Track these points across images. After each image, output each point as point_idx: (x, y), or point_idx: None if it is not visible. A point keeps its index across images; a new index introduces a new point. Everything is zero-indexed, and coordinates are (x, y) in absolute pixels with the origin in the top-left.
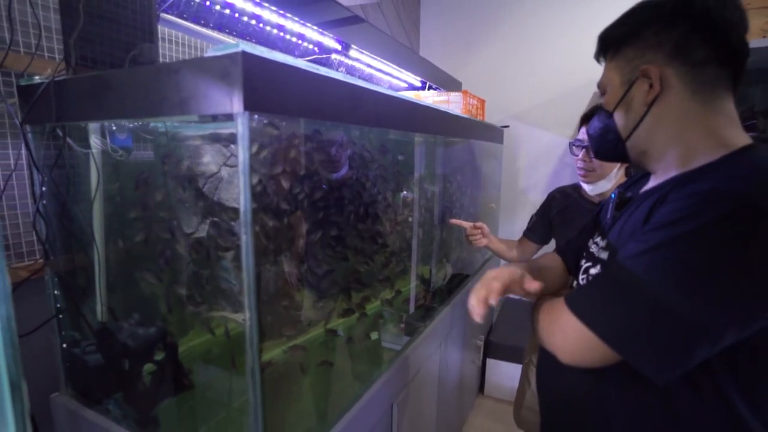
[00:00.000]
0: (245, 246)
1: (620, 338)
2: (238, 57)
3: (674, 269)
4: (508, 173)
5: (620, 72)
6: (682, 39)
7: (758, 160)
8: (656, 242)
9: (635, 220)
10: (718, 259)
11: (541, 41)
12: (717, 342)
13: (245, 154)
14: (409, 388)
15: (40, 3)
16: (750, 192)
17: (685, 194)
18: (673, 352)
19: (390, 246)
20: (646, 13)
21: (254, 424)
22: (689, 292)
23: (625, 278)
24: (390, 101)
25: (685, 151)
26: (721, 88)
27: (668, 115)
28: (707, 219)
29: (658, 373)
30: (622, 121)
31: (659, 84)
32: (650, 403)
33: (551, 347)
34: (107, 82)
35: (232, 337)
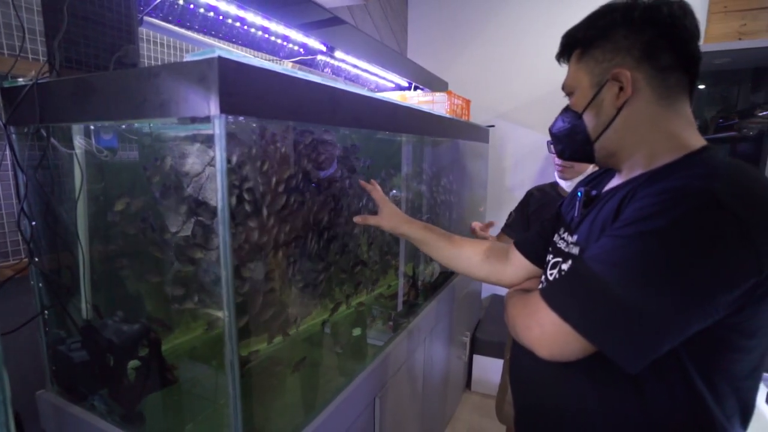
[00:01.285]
0: (222, 243)
1: (595, 330)
2: (215, 62)
3: (645, 263)
4: (494, 172)
5: (589, 74)
6: (651, 44)
7: (716, 160)
8: (627, 237)
9: (604, 216)
10: (685, 252)
11: (527, 42)
12: (683, 331)
13: (222, 155)
14: (391, 382)
15: (24, 5)
16: (713, 189)
17: (654, 191)
18: (643, 341)
19: (375, 244)
20: (614, 16)
21: (233, 416)
22: (659, 284)
23: (598, 273)
24: (370, 103)
25: (650, 152)
26: (682, 92)
27: (636, 118)
28: (676, 215)
29: (630, 362)
30: (592, 123)
31: (630, 88)
32: (622, 393)
33: (528, 342)
34: (90, 85)
35: (216, 334)
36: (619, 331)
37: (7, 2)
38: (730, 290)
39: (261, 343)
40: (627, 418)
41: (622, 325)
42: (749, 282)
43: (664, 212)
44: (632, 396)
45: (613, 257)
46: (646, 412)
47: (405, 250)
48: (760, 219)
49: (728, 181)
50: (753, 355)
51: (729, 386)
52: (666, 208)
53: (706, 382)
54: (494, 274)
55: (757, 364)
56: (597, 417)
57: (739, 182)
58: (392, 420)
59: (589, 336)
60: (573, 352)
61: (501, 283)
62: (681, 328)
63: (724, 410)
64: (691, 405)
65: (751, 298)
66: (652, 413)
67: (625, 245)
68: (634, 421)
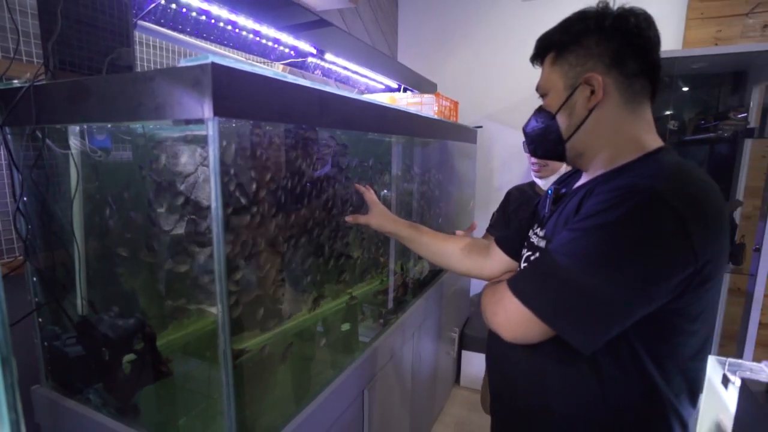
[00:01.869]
0: (216, 241)
1: (552, 315)
2: (208, 67)
3: (596, 253)
4: (483, 171)
5: (563, 77)
6: (620, 52)
7: (664, 161)
8: (583, 230)
9: (568, 211)
10: (631, 244)
11: (514, 45)
12: (630, 315)
13: (215, 155)
14: (379, 376)
15: (18, 8)
16: (657, 187)
17: (608, 189)
18: (595, 325)
19: (365, 242)
20: (588, 23)
21: (227, 405)
22: (608, 273)
23: (557, 263)
24: (358, 105)
25: (613, 153)
26: (645, 97)
27: (604, 120)
28: (624, 210)
29: (584, 344)
30: (565, 123)
31: (601, 92)
32: (581, 374)
33: (495, 326)
34: (87, 88)
35: (209, 330)
36: (572, 315)
37: (1, 5)
38: (669, 278)
39: (253, 338)
40: (586, 396)
41: (575, 310)
42: (687, 270)
43: (614, 208)
44: (590, 376)
45: (569, 248)
46: (603, 390)
47: (394, 248)
48: (697, 214)
49: (670, 180)
50: (697, 338)
51: (676, 367)
52: (616, 204)
53: (655, 364)
54: (476, 268)
55: (701, 346)
56: (559, 396)
57: (680, 181)
58: (381, 413)
59: (546, 320)
60: (533, 335)
61: (482, 276)
62: (628, 312)
63: (672, 389)
64: (643, 384)
65: (690, 285)
66: (608, 391)
67: (579, 237)
68: (593, 398)
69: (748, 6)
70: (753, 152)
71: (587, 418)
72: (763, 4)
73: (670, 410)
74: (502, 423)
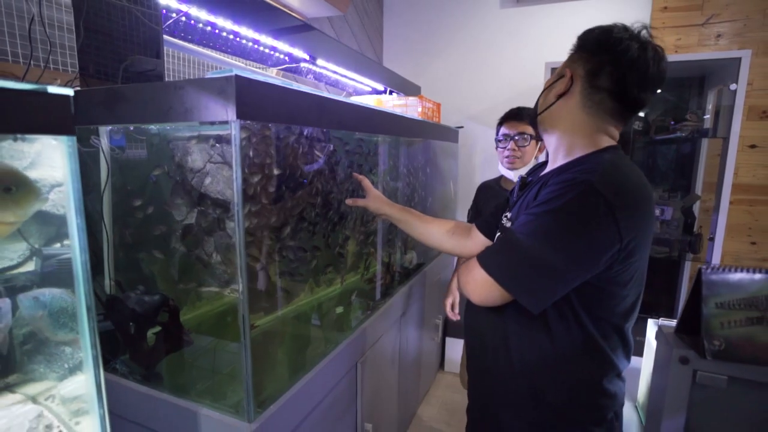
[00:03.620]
0: (238, 227)
1: (508, 281)
2: (232, 78)
3: (544, 233)
4: (464, 169)
5: (562, 66)
6: (598, 65)
7: (603, 158)
8: (535, 215)
9: (529, 198)
10: (571, 226)
11: (493, 50)
12: (570, 282)
13: (237, 152)
14: (370, 353)
15: (56, 24)
16: (592, 180)
17: (557, 181)
18: (542, 289)
19: (357, 232)
20: (594, 32)
21: (245, 367)
22: (552, 248)
23: (514, 240)
24: (350, 108)
25: (569, 147)
26: (606, 113)
27: (564, 113)
28: (566, 199)
29: (532, 304)
30: (542, 100)
31: (567, 86)
32: (535, 332)
33: (467, 292)
34: (121, 94)
35: (220, 310)
36: (524, 281)
37: (50, 23)
38: (600, 252)
39: (258, 319)
40: (540, 350)
41: (526, 277)
42: (614, 247)
43: (559, 197)
44: (543, 333)
45: (524, 228)
46: (553, 345)
47: (382, 239)
48: (623, 202)
49: (604, 174)
50: (626, 301)
51: (610, 325)
52: (560, 194)
53: (593, 323)
54: (458, 247)
55: (630, 309)
56: (519, 350)
57: (611, 175)
58: (372, 386)
59: (503, 285)
60: (495, 298)
61: (463, 254)
62: (568, 280)
63: (609, 344)
64: (585, 340)
65: (617, 258)
66: (557, 345)
67: (532, 220)
68: (545, 351)
69: (703, 17)
70: (709, 150)
71: (541, 366)
72: (716, 16)
73: (607, 361)
74: (475, 378)
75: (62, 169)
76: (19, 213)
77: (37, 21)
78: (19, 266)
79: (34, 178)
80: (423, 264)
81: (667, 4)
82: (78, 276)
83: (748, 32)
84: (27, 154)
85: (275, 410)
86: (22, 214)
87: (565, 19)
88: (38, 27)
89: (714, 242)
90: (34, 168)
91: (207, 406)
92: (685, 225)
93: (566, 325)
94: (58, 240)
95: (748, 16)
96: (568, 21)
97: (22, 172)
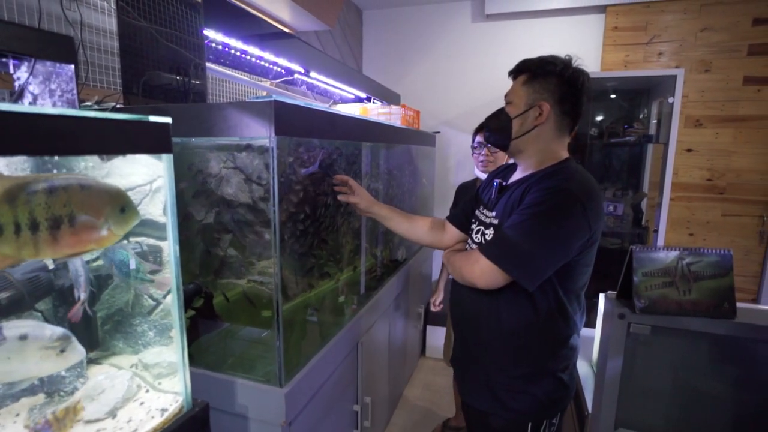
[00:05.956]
0: (275, 224)
1: (511, 266)
2: (272, 103)
3: (535, 230)
4: (441, 170)
5: (527, 96)
6: (565, 95)
7: (572, 169)
8: (527, 215)
9: (513, 200)
10: (555, 222)
11: (466, 59)
12: (556, 264)
13: (275, 162)
14: (366, 336)
15: (104, 48)
16: (570, 187)
17: (540, 188)
18: (537, 269)
19: (351, 233)
20: (555, 68)
21: (277, 340)
22: (544, 239)
23: (514, 234)
24: (352, 121)
25: (540, 160)
26: (567, 130)
27: (540, 136)
28: (553, 203)
29: (529, 283)
30: (516, 128)
31: (545, 117)
32: (521, 302)
33: (471, 280)
34: (166, 112)
35: (242, 298)
36: (523, 265)
37: (91, 46)
38: (577, 241)
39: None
40: (525, 316)
41: (524, 262)
42: (585, 236)
43: (545, 201)
44: (528, 304)
45: (519, 226)
46: (536, 310)
47: (366, 238)
48: (590, 202)
49: (575, 182)
50: (585, 276)
51: (573, 294)
52: (546, 199)
53: (564, 292)
54: (437, 241)
55: (586, 281)
56: (508, 317)
57: (580, 182)
58: (368, 367)
59: (507, 270)
60: (499, 282)
61: (441, 246)
62: (554, 263)
63: (572, 308)
64: (558, 307)
65: (585, 244)
66: (538, 310)
67: (525, 219)
68: (529, 315)
69: (647, 37)
70: (654, 154)
71: (526, 327)
72: (657, 37)
73: (572, 321)
74: (466, 350)
75: (140, 176)
76: (127, 228)
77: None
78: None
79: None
80: (407, 259)
81: (617, 24)
82: (172, 262)
83: (683, 51)
84: (104, 167)
85: (300, 378)
86: (128, 228)
87: (528, 33)
88: (79, 49)
89: (658, 234)
90: (110, 177)
91: (242, 377)
92: (635, 219)
93: (546, 298)
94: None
95: (683, 38)
96: (531, 35)
97: (129, 196)
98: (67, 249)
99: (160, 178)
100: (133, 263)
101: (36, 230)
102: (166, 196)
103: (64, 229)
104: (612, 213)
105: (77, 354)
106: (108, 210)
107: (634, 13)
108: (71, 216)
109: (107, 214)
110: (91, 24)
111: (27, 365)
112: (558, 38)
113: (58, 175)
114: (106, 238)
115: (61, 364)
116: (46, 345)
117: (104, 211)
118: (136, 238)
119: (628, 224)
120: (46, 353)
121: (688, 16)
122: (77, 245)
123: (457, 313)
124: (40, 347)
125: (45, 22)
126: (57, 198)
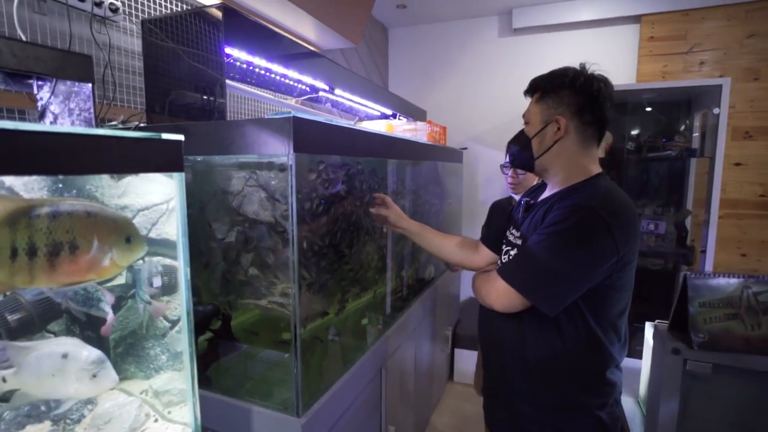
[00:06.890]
0: (293, 243)
1: (528, 290)
2: (291, 119)
3: (556, 249)
4: (468, 188)
5: (541, 113)
6: (582, 105)
7: (599, 185)
8: (547, 234)
9: (536, 220)
10: (577, 242)
11: (492, 75)
12: (579, 288)
13: (293, 180)
14: (391, 360)
15: (131, 69)
16: (592, 205)
17: (561, 206)
18: (556, 295)
19: (374, 252)
20: (565, 79)
21: (294, 365)
22: (564, 261)
23: (531, 255)
24: (374, 137)
25: (567, 176)
26: (594, 140)
27: (563, 151)
28: (573, 221)
29: (549, 309)
30: (536, 147)
31: (564, 130)
32: (548, 333)
33: (489, 301)
34: (185, 130)
35: (257, 320)
36: (541, 289)
37: (119, 68)
38: (602, 263)
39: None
40: (552, 348)
41: (543, 286)
42: (612, 259)
43: (566, 220)
44: (555, 334)
45: (539, 246)
46: (563, 342)
47: (392, 257)
48: (617, 221)
49: (600, 199)
50: (621, 303)
51: (608, 323)
52: (567, 217)
53: (595, 321)
54: (467, 260)
55: (623, 309)
56: (533, 349)
57: (606, 200)
58: (393, 393)
59: (524, 293)
60: (516, 305)
61: (471, 266)
62: (577, 287)
63: (608, 339)
64: (588, 336)
65: (615, 267)
66: (567, 342)
67: (545, 239)
68: (557, 349)
69: (686, 46)
70: (698, 169)
71: (554, 361)
72: (698, 45)
73: (607, 353)
74: (492, 377)
75: (157, 195)
76: (131, 259)
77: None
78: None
79: (125, 204)
80: (434, 278)
81: (653, 34)
82: (182, 284)
83: (727, 60)
84: (119, 186)
85: (319, 407)
86: (132, 260)
87: (558, 46)
88: (102, 69)
89: (706, 254)
90: (126, 196)
91: (258, 404)
92: (679, 238)
93: (574, 326)
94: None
95: (727, 45)
96: (561, 48)
97: (136, 226)
98: (65, 278)
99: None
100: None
101: (33, 256)
102: (178, 217)
103: (63, 256)
104: (653, 231)
105: (110, 381)
106: (113, 239)
107: (671, 22)
108: (72, 243)
109: (111, 243)
110: (119, 46)
111: (66, 384)
112: (589, 50)
113: (65, 200)
114: (107, 269)
115: (93, 390)
116: (82, 367)
117: (108, 240)
118: (150, 257)
119: (672, 244)
120: (81, 374)
121: (732, 23)
122: (75, 274)
123: (483, 337)
124: (78, 368)
125: (76, 45)
126: (60, 223)
